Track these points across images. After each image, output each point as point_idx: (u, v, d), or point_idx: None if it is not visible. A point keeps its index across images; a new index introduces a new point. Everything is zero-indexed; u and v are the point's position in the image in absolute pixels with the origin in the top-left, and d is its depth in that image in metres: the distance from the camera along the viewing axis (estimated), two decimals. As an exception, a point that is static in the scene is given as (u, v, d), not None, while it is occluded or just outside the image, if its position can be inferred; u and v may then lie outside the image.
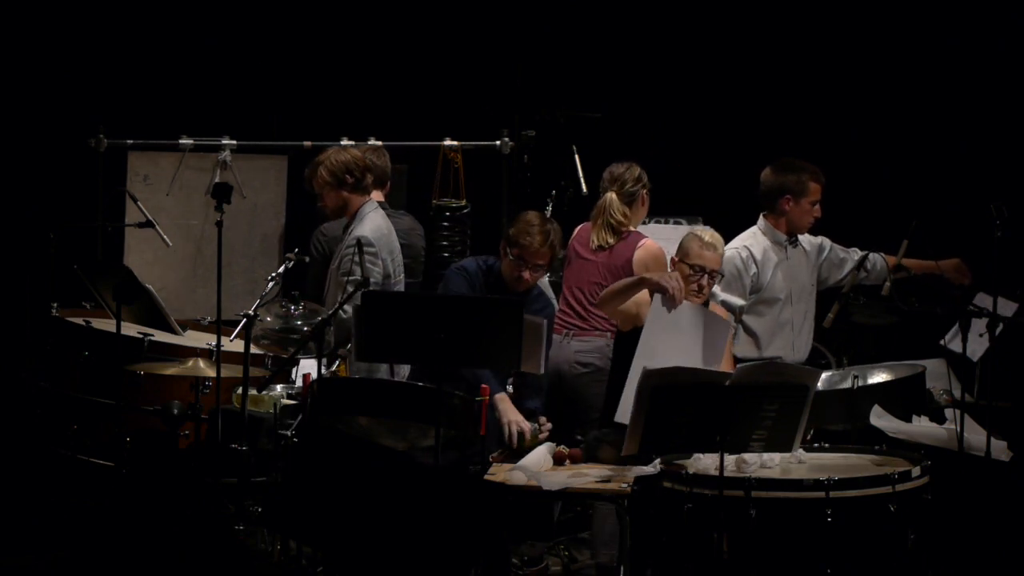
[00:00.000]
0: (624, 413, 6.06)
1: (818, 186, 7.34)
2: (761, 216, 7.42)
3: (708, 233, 6.69)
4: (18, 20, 9.09)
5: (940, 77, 8.99)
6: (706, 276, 6.61)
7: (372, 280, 6.83)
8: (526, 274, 6.82)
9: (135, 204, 8.01)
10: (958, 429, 6.40)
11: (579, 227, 7.56)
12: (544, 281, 7.35)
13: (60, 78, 9.11)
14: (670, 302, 6.39)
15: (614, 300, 6.60)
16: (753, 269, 7.27)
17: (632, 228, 7.37)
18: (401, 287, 7.17)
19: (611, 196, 7.35)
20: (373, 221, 7.12)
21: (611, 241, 7.32)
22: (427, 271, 8.02)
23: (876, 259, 7.39)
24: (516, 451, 6.50)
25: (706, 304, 6.71)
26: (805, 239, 7.49)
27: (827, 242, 7.57)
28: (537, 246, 6.79)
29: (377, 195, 7.54)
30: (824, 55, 9.18)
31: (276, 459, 6.46)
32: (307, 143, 8.51)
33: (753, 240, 7.33)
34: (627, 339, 6.63)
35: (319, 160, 7.23)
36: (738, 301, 7.22)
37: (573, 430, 7.13)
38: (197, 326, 7.82)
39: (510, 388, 6.88)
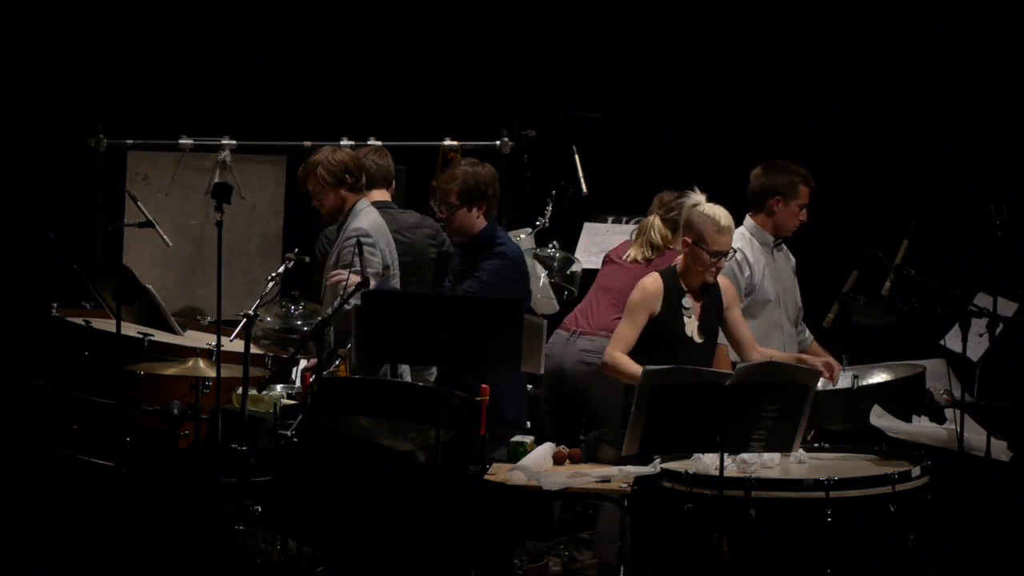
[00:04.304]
0: None
1: (808, 190, 7.32)
2: (748, 216, 7.39)
3: (721, 215, 6.61)
4: (18, 20, 9.08)
5: (940, 77, 8.98)
6: (723, 259, 6.64)
7: (372, 271, 6.84)
8: (442, 213, 7.17)
9: (135, 204, 8.00)
10: (958, 429, 6.40)
11: (620, 243, 7.59)
12: (544, 282, 7.39)
13: (60, 78, 9.11)
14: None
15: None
16: (747, 271, 7.26)
17: (672, 247, 7.40)
18: (397, 280, 7.18)
19: (654, 219, 7.35)
20: (368, 216, 7.14)
21: (650, 255, 7.33)
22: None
23: (804, 329, 7.55)
24: (513, 455, 6.50)
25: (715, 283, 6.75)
26: (786, 250, 7.49)
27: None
28: (441, 179, 7.18)
29: (383, 194, 7.55)
30: (824, 55, 9.17)
31: (276, 459, 6.45)
32: (307, 143, 8.50)
33: (743, 242, 7.29)
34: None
35: (315, 161, 7.19)
36: (735, 303, 7.21)
37: (573, 427, 7.14)
38: (197, 326, 7.82)
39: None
